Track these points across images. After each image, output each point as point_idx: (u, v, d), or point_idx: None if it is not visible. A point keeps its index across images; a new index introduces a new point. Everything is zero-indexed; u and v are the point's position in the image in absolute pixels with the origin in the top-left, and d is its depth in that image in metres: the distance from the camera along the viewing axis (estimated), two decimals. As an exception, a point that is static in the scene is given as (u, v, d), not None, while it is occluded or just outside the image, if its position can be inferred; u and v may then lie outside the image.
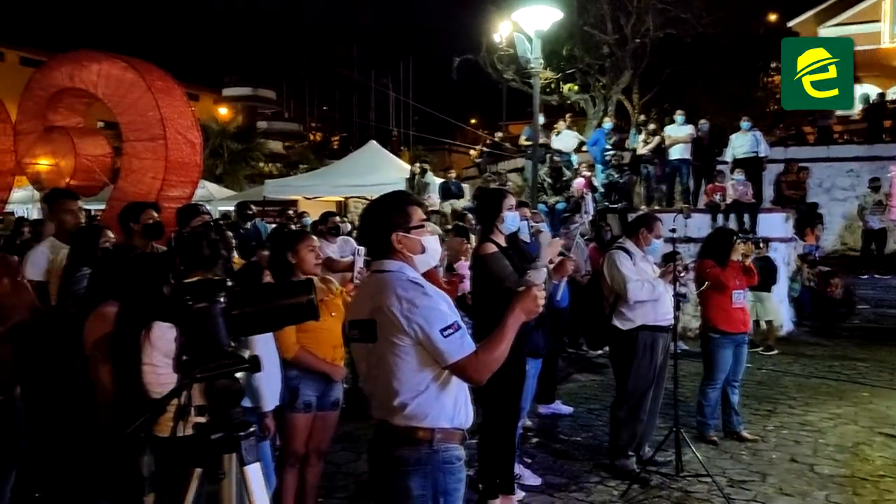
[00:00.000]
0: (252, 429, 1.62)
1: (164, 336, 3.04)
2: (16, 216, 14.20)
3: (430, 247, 2.64)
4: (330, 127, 47.35)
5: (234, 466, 1.58)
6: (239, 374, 1.61)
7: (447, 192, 14.23)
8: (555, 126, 14.80)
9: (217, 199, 20.15)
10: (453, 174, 15.68)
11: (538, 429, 6.42)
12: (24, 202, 16.19)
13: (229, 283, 1.64)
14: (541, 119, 13.18)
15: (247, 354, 1.62)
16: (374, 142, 20.46)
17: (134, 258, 3.70)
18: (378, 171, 16.96)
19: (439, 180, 15.28)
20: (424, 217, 2.68)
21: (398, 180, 15.57)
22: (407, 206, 2.62)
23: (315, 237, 4.57)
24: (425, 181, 14.48)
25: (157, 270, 3.32)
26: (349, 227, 12.71)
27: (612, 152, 13.15)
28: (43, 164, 9.38)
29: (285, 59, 45.86)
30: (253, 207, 10.97)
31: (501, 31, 19.61)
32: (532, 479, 5.08)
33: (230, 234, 5.55)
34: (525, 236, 4.67)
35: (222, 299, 1.60)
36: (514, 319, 2.50)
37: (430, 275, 3.17)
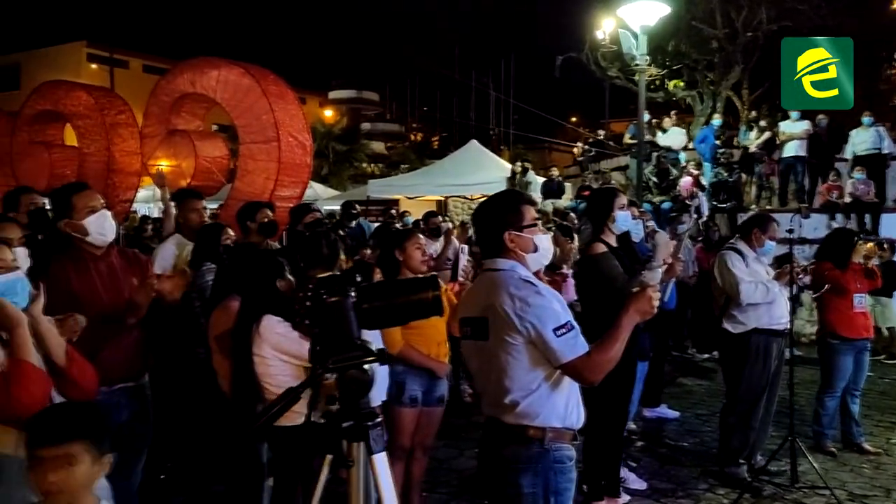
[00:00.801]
0: (379, 419, 1.70)
1: (273, 329, 3.19)
2: (139, 214, 15.12)
3: (543, 246, 2.65)
4: (430, 127, 47.91)
5: (362, 455, 1.66)
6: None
7: (548, 191, 14.15)
8: (662, 123, 14.45)
9: (322, 198, 20.75)
10: (556, 172, 15.54)
11: (643, 432, 6.30)
12: (147, 201, 17.18)
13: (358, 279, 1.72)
14: (646, 116, 12.91)
15: (375, 348, 1.69)
16: (474, 141, 20.54)
17: (252, 254, 3.88)
18: (479, 170, 17.05)
19: (541, 179, 15.21)
20: (537, 216, 2.69)
21: (499, 179, 15.60)
22: (520, 205, 2.64)
23: (421, 236, 4.67)
24: (526, 180, 14.46)
25: (271, 266, 3.50)
26: (450, 226, 12.84)
27: (723, 150, 12.72)
28: (165, 165, 9.96)
29: (389, 61, 46.77)
30: (357, 207, 11.27)
31: (605, 27, 19.28)
32: (637, 483, 5.00)
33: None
34: (637, 236, 4.60)
35: (353, 294, 1.69)
36: (629, 320, 2.49)
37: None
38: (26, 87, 31.77)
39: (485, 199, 2.89)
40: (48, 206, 4.68)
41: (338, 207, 12.64)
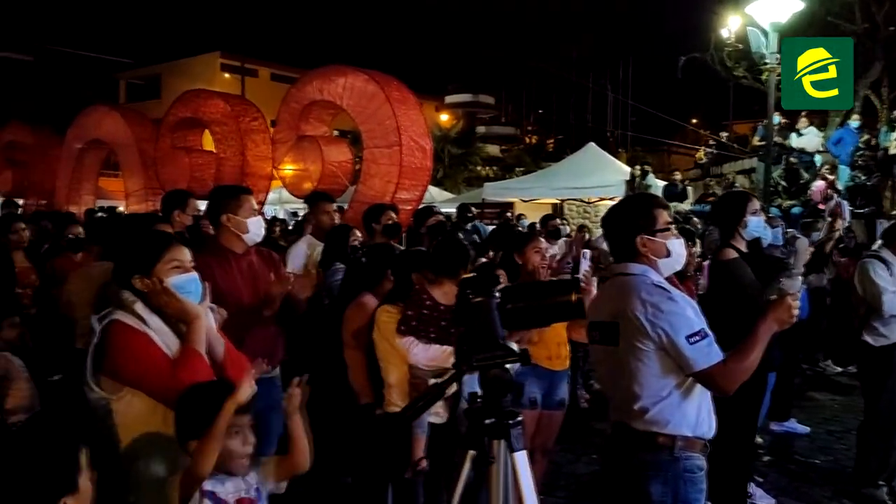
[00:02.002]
0: (520, 417, 1.74)
1: (384, 316, 3.34)
2: (268, 216, 15.86)
3: (676, 251, 2.61)
4: (546, 130, 47.58)
5: (503, 452, 1.71)
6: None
7: (671, 195, 13.78)
8: (796, 124, 13.75)
9: (438, 201, 21.05)
10: (678, 176, 15.11)
11: (771, 447, 6.04)
12: (273, 203, 18.02)
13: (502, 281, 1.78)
14: (776, 118, 12.34)
15: (517, 348, 1.74)
16: (592, 144, 20.28)
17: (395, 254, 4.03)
18: (597, 172, 16.83)
19: (661, 182, 14.83)
20: (670, 220, 2.65)
21: (617, 182, 15.35)
22: (653, 209, 2.61)
23: (543, 239, 4.69)
24: (647, 183, 14.16)
25: (403, 267, 3.64)
26: (568, 229, 12.74)
27: (861, 152, 11.97)
28: (291, 169, 10.45)
29: (505, 64, 46.81)
30: (472, 209, 11.38)
31: (731, 25, 18.55)
32: (765, 500, 4.81)
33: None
34: (767, 240, 4.42)
35: (497, 294, 1.74)
36: (766, 329, 2.42)
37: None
38: (166, 96, 34.07)
39: (615, 202, 2.88)
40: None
41: (453, 210, 12.81)
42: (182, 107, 11.20)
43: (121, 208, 13.92)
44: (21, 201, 13.60)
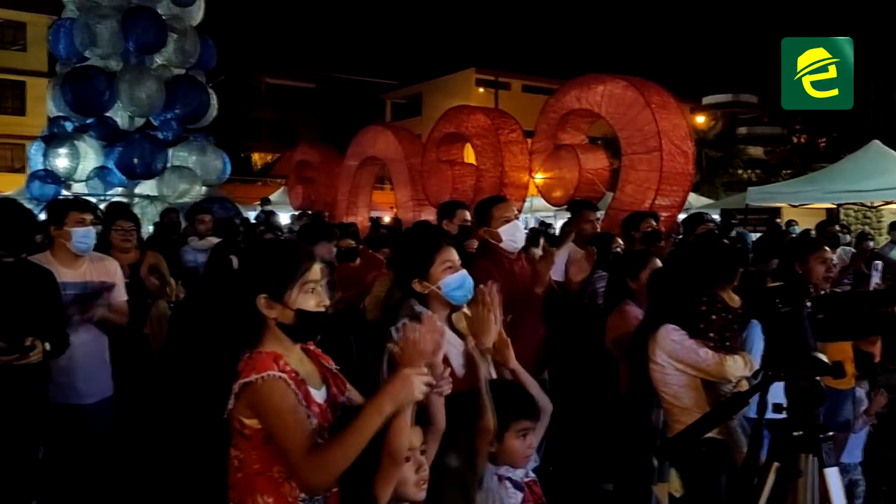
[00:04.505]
0: (831, 433, 1.67)
1: (668, 336, 3.25)
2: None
3: None
4: (817, 128, 43.42)
5: (811, 467, 1.65)
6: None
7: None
8: None
9: (695, 207, 20.15)
10: None
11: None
12: (525, 212, 18.41)
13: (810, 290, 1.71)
14: None
15: (827, 360, 1.67)
16: (876, 141, 18.13)
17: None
18: (883, 174, 15.01)
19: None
20: None
21: (910, 184, 13.59)
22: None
23: (827, 248, 4.33)
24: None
25: (664, 277, 3.59)
26: (848, 237, 11.56)
27: None
28: (542, 177, 10.66)
29: (767, 60, 43.59)
30: (735, 216, 10.77)
31: None
32: None
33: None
34: None
35: (808, 304, 1.68)
36: None
37: None
38: (426, 113, 36.43)
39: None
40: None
41: (716, 217, 12.21)
42: (446, 122, 11.93)
43: (386, 218, 15.19)
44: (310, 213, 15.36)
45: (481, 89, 36.55)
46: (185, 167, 14.00)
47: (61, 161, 13.46)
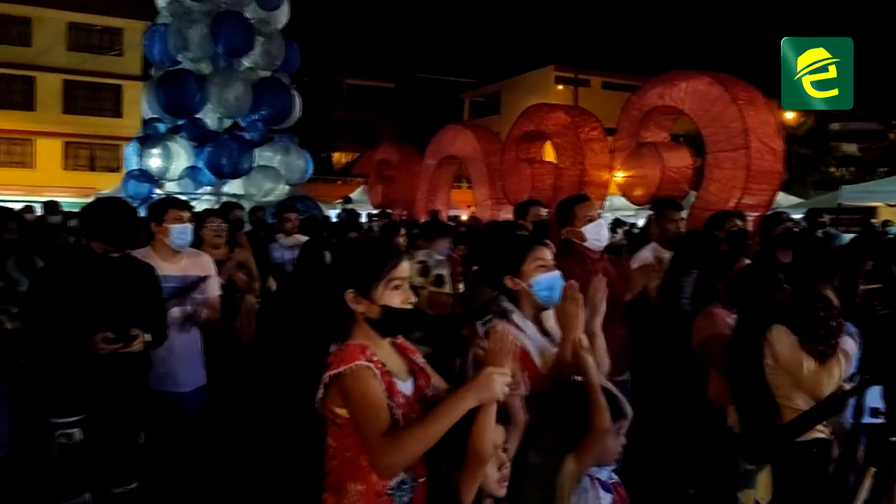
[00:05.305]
0: (934, 439, 1.61)
1: (779, 338, 3.18)
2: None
3: None
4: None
5: (912, 473, 1.60)
6: None
7: None
8: None
9: (783, 206, 19.45)
10: None
11: None
12: (604, 210, 18.20)
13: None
14: None
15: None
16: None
17: (746, 267, 3.90)
18: None
19: None
20: None
21: None
22: None
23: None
24: None
25: (768, 278, 3.50)
26: (950, 237, 10.93)
27: None
28: (623, 175, 10.50)
29: (863, 49, 41.52)
30: (825, 215, 10.34)
31: None
32: None
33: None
34: None
35: (907, 307, 1.64)
36: None
37: None
38: (504, 111, 36.35)
39: None
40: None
41: (801, 216, 11.77)
42: (526, 121, 11.90)
43: (463, 216, 15.25)
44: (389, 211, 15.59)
45: (560, 87, 36.18)
46: (271, 167, 14.45)
47: (154, 161, 14.10)
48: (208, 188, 14.55)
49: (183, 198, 5.00)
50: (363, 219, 13.97)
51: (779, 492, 3.10)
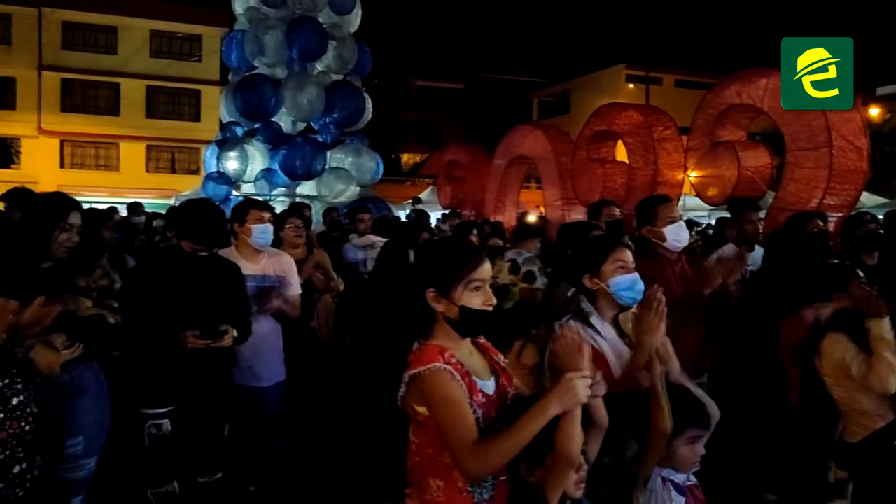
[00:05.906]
0: None
1: (834, 344, 3.12)
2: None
3: None
4: None
5: None
6: None
7: None
8: None
9: (867, 206, 18.66)
10: None
11: None
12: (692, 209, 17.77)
13: None
14: None
15: None
16: None
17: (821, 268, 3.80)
18: None
19: None
20: None
21: None
22: None
23: None
24: None
25: (833, 281, 3.42)
26: None
27: None
28: (696, 175, 10.26)
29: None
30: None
31: None
32: None
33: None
34: None
35: None
36: None
37: None
38: (574, 111, 36.03)
39: None
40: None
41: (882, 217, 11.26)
42: (598, 120, 11.77)
43: (532, 217, 15.15)
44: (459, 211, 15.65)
45: (631, 85, 35.64)
46: (342, 168, 14.72)
47: (232, 163, 14.56)
48: (283, 189, 14.92)
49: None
50: (434, 219, 14.07)
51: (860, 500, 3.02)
